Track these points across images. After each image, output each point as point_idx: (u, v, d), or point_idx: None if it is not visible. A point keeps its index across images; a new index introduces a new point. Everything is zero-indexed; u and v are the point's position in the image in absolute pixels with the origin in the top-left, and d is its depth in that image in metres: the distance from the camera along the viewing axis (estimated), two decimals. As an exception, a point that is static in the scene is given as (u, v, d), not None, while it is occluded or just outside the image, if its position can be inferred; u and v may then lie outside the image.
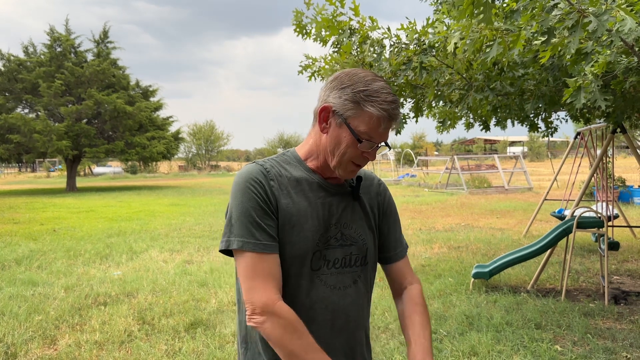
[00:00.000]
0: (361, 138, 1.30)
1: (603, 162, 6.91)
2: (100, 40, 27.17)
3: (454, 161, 21.58)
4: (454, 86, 4.41)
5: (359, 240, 1.44)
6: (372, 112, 1.29)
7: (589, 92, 3.02)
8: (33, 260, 7.50)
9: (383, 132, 1.32)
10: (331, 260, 1.38)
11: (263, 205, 1.32)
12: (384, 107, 1.29)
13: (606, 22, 2.35)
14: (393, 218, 1.57)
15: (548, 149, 49.66)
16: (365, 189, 1.52)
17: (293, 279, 1.35)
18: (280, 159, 1.44)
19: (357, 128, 1.31)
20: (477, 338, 4.04)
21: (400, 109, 1.36)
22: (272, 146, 65.63)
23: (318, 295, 1.37)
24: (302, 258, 1.34)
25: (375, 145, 1.34)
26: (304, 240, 1.34)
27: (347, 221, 1.42)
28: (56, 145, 22.97)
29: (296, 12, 3.91)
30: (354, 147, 1.32)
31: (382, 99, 1.29)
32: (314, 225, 1.36)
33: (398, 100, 1.35)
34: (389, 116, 1.30)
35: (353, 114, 1.31)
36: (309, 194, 1.39)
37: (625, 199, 13.60)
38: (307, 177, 1.41)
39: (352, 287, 1.42)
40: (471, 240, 8.70)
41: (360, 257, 1.44)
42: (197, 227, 10.90)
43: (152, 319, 4.75)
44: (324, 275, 1.38)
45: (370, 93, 1.30)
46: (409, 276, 1.56)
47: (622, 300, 5.08)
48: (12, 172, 55.10)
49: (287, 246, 1.33)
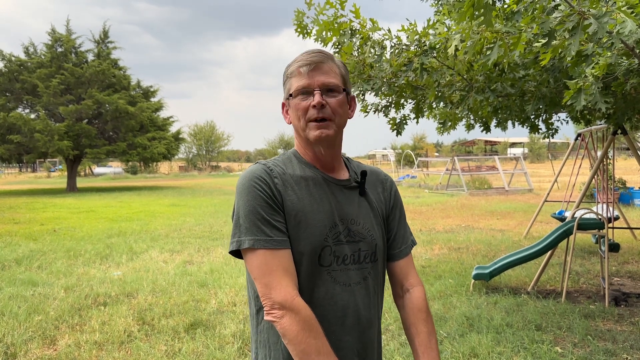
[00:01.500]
0: (293, 94, 1.38)
1: (604, 163, 6.91)
2: (101, 40, 27.20)
3: (454, 162, 21.58)
4: (454, 87, 4.41)
5: (367, 236, 1.42)
6: (292, 70, 1.40)
7: (590, 93, 3.02)
8: (33, 260, 7.50)
9: (308, 76, 1.37)
10: (341, 257, 1.37)
11: (270, 202, 1.32)
12: (298, 60, 1.39)
13: (607, 25, 2.35)
14: (399, 214, 1.56)
15: (548, 151, 49.65)
16: (372, 184, 1.51)
17: (301, 275, 1.34)
18: (282, 158, 1.45)
19: (290, 91, 1.40)
20: (478, 339, 4.04)
21: (322, 54, 1.40)
22: (272, 147, 65.65)
23: (327, 291, 1.36)
24: (309, 254, 1.34)
25: (308, 92, 1.37)
26: (310, 236, 1.34)
27: (353, 217, 1.41)
28: (57, 145, 22.99)
29: (297, 12, 3.91)
30: (297, 106, 1.38)
31: (297, 58, 1.40)
32: (320, 221, 1.35)
33: (316, 49, 1.42)
34: (304, 62, 1.37)
35: (288, 87, 1.41)
36: (313, 190, 1.39)
37: (626, 201, 13.60)
38: (311, 174, 1.41)
39: (361, 284, 1.40)
40: (471, 241, 8.69)
41: (369, 254, 1.42)
42: (197, 228, 10.90)
43: (152, 320, 4.75)
44: (334, 272, 1.37)
45: (290, 63, 1.42)
46: (411, 277, 1.53)
47: (623, 302, 5.08)
48: (12, 172, 55.13)
49: (294, 242, 1.33)
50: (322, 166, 1.44)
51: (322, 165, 1.43)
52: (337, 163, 1.46)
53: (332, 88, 1.37)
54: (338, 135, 1.41)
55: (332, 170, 1.45)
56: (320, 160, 1.43)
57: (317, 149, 1.41)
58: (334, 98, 1.37)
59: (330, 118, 1.36)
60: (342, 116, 1.40)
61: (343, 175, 1.46)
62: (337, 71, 1.41)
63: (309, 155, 1.44)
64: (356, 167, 1.53)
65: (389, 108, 5.09)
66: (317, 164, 1.44)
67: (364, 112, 5.14)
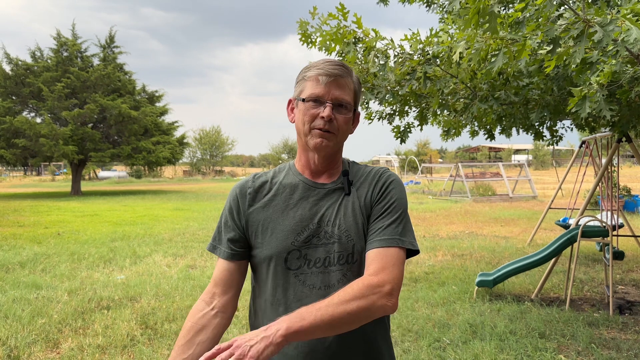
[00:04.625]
0: (305, 99, 1.38)
1: (608, 171, 6.89)
2: (107, 45, 27.35)
3: (458, 169, 21.55)
4: (458, 95, 4.42)
5: (342, 237, 1.38)
6: (310, 75, 1.40)
7: (594, 101, 3.02)
8: (37, 263, 7.53)
9: (325, 87, 1.37)
10: (312, 260, 1.38)
11: (233, 215, 1.46)
12: (319, 66, 1.39)
13: (612, 32, 2.36)
14: (384, 208, 1.40)
15: (553, 158, 49.51)
16: (360, 180, 1.46)
17: (268, 280, 1.40)
18: (279, 167, 1.53)
19: (302, 94, 1.41)
20: (481, 347, 4.03)
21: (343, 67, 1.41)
22: (276, 152, 65.78)
23: (296, 295, 1.37)
24: (274, 258, 1.39)
25: (320, 101, 1.37)
26: (275, 241, 1.39)
27: (331, 218, 1.40)
28: (62, 150, 23.08)
29: (301, 22, 3.93)
30: (306, 111, 1.38)
31: (319, 65, 1.40)
32: (288, 226, 1.39)
33: (338, 61, 1.42)
34: (325, 72, 1.38)
35: (301, 89, 1.41)
36: (291, 197, 1.43)
37: (631, 209, 13.54)
38: (292, 181, 1.46)
39: (336, 286, 1.35)
40: (475, 248, 8.67)
41: (344, 255, 1.38)
42: (201, 232, 10.92)
43: (154, 324, 4.75)
44: (304, 275, 1.37)
45: (310, 66, 1.42)
46: (370, 269, 1.30)
47: (627, 310, 5.05)
48: (17, 175, 55.39)
49: (259, 248, 1.42)
50: (311, 172, 1.46)
51: (310, 172, 1.46)
52: (331, 169, 1.46)
53: (343, 104, 1.39)
54: (336, 148, 1.43)
55: (321, 176, 1.46)
56: (310, 167, 1.45)
57: (312, 155, 1.43)
58: (342, 115, 1.39)
59: (334, 132, 1.39)
60: (345, 132, 1.43)
61: (332, 179, 1.46)
62: (352, 87, 1.42)
63: (301, 161, 1.47)
64: (355, 171, 1.49)
65: (393, 116, 5.10)
66: (306, 170, 1.46)
67: (368, 119, 5.15)
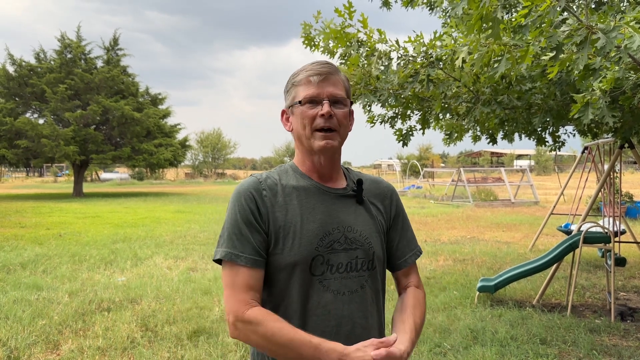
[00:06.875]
0: (301, 101, 1.39)
1: (610, 177, 6.88)
2: (111, 47, 27.41)
3: (460, 173, 21.54)
4: (461, 99, 4.42)
5: (364, 243, 1.42)
6: (300, 79, 1.41)
7: (597, 107, 3.02)
8: (38, 264, 7.53)
9: (318, 86, 1.38)
10: (335, 265, 1.38)
11: (251, 218, 1.36)
12: (307, 69, 1.41)
13: (615, 39, 2.36)
14: (402, 224, 1.57)
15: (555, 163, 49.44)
16: (371, 193, 1.51)
17: (291, 286, 1.36)
18: (278, 170, 1.49)
19: (297, 99, 1.41)
20: (482, 352, 4.01)
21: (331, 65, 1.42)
22: (279, 155, 65.80)
23: (320, 301, 1.36)
24: (299, 264, 1.35)
25: (317, 101, 1.38)
26: (298, 246, 1.35)
27: (350, 224, 1.41)
28: (64, 151, 23.11)
29: (304, 25, 3.94)
30: (304, 114, 1.39)
31: (306, 67, 1.42)
32: (311, 231, 1.37)
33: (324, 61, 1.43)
34: (315, 72, 1.39)
35: (293, 95, 1.42)
36: (305, 200, 1.40)
37: (633, 215, 13.50)
38: (305, 185, 1.43)
39: (358, 292, 1.40)
40: (477, 253, 8.65)
41: (366, 262, 1.42)
42: (202, 235, 10.92)
43: (155, 326, 4.74)
44: (327, 281, 1.37)
45: (297, 72, 1.44)
46: (412, 282, 1.56)
47: (629, 317, 5.03)
48: (19, 177, 55.47)
49: (282, 254, 1.36)
50: (319, 176, 1.45)
51: (319, 176, 1.45)
52: (335, 173, 1.48)
53: (339, 100, 1.40)
54: (340, 146, 1.44)
55: (330, 180, 1.46)
56: (317, 170, 1.45)
57: (317, 159, 1.43)
58: (340, 110, 1.40)
59: (336, 129, 1.39)
60: (346, 128, 1.44)
61: (340, 184, 1.47)
62: (343, 84, 1.44)
63: (306, 165, 1.46)
64: (355, 176, 1.53)
65: (395, 119, 5.10)
66: (314, 174, 1.45)
67: (370, 123, 5.15)
